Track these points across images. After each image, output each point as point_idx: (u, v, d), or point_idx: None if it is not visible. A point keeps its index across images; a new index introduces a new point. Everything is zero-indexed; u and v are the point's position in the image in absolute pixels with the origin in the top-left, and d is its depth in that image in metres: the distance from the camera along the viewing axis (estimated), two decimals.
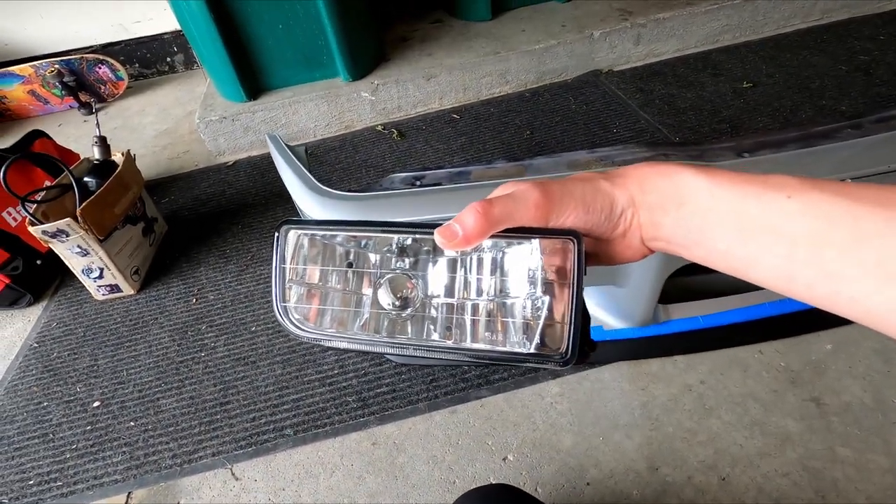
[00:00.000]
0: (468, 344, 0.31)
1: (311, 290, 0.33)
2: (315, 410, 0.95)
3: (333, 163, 1.63)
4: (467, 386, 0.95)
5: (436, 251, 0.33)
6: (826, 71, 1.65)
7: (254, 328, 1.13)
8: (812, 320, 0.94)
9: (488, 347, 0.31)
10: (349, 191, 0.84)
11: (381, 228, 0.31)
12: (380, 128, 1.74)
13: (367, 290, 0.33)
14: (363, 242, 0.33)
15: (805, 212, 0.23)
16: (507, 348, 0.31)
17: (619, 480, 0.80)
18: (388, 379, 0.98)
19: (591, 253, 0.31)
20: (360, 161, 1.61)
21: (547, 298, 0.29)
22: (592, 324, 0.95)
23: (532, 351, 0.30)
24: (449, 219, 0.28)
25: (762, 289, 1.07)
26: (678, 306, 0.95)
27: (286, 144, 0.93)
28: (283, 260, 0.32)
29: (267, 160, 1.68)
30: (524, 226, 0.28)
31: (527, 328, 0.30)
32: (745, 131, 1.48)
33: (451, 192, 0.81)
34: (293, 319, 0.32)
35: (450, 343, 0.32)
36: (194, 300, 1.22)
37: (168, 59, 2.31)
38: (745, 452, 0.81)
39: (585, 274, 0.29)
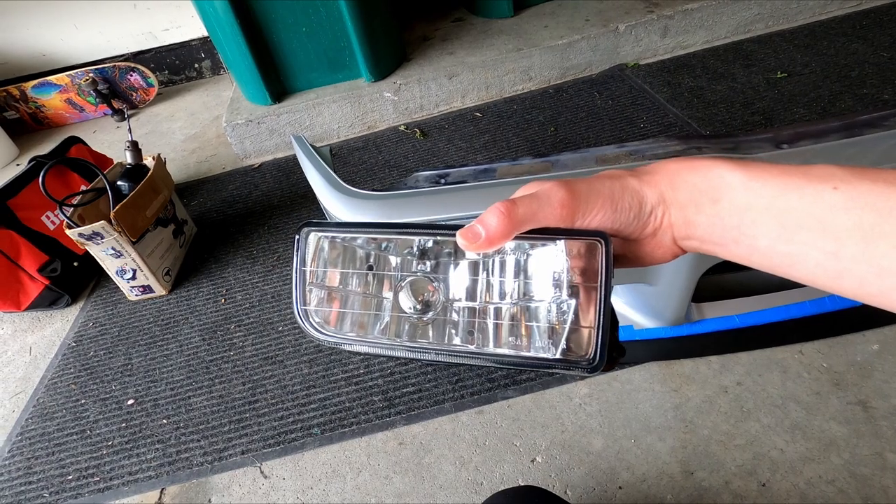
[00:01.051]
0: (491, 349, 0.30)
1: (332, 292, 0.33)
2: (341, 410, 0.96)
3: (357, 163, 1.64)
4: (494, 386, 0.94)
5: (457, 253, 0.32)
6: (866, 58, 1.58)
7: (281, 328, 1.14)
8: (856, 319, 0.90)
9: (512, 353, 0.30)
10: (374, 190, 0.84)
11: (401, 230, 0.31)
12: (402, 127, 1.74)
13: (387, 294, 0.33)
14: (384, 245, 0.32)
15: (853, 204, 0.21)
16: (532, 354, 0.29)
17: (652, 484, 0.78)
18: (414, 379, 0.98)
19: (620, 254, 0.30)
20: (384, 161, 1.62)
21: (573, 302, 0.28)
22: (623, 323, 0.93)
23: (558, 357, 0.28)
24: (474, 217, 0.27)
25: (801, 286, 1.02)
26: (712, 305, 0.92)
27: (311, 145, 0.94)
28: (303, 262, 0.32)
29: (292, 162, 1.71)
30: (549, 226, 0.27)
31: (552, 333, 0.29)
32: (780, 123, 1.42)
33: (476, 190, 0.80)
34: (314, 323, 0.32)
35: (472, 348, 0.31)
36: (223, 300, 1.24)
37: (196, 66, 2.36)
38: (786, 457, 0.77)
39: (613, 276, 0.27)
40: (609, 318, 0.27)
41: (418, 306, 0.32)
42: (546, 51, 1.74)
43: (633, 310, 0.92)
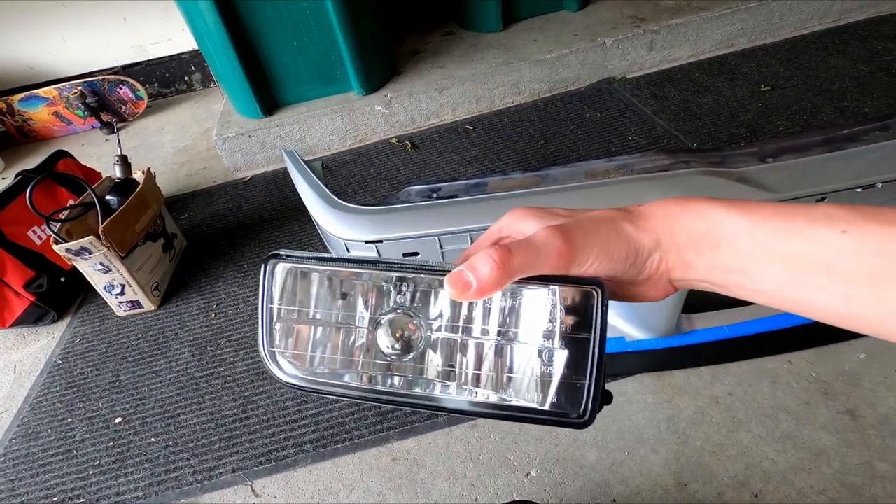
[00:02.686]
0: (476, 398, 0.29)
1: (302, 331, 0.30)
2: (334, 426, 0.95)
3: (349, 176, 1.64)
4: None
5: (439, 284, 0.29)
6: (846, 72, 1.62)
7: None
8: (843, 329, 0.91)
9: (497, 401, 0.28)
10: (366, 204, 0.84)
11: (380, 266, 0.29)
12: (394, 140, 1.75)
13: (363, 331, 0.30)
14: (361, 276, 0.30)
15: (863, 248, 0.21)
16: (519, 403, 0.28)
17: (645, 497, 0.78)
18: None
19: (613, 293, 0.29)
20: (375, 174, 1.62)
21: (565, 353, 0.27)
22: (615, 335, 0.93)
23: (547, 409, 0.27)
24: (465, 232, 0.27)
25: None
26: (702, 316, 0.93)
27: (302, 159, 0.94)
28: (270, 298, 0.29)
29: (283, 175, 1.70)
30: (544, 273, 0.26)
31: (541, 383, 0.28)
32: (764, 135, 1.45)
33: (468, 204, 0.80)
34: (281, 365, 0.30)
35: (454, 396, 0.29)
36: (213, 315, 1.23)
37: (186, 78, 2.36)
38: (778, 468, 0.78)
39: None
40: (603, 372, 0.26)
41: (397, 345, 0.29)
42: (535, 64, 1.76)
43: (625, 322, 0.93)
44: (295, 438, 0.94)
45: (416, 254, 0.81)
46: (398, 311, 0.30)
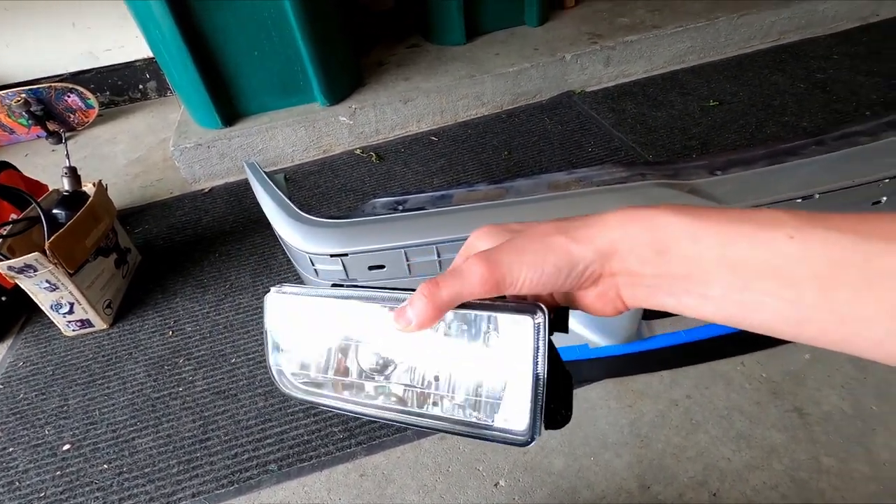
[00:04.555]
0: (431, 411, 0.30)
1: (301, 351, 0.33)
2: (300, 443, 0.93)
3: (312, 187, 1.62)
4: None
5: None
6: (786, 89, 1.73)
7: (234, 360, 1.09)
8: None
9: (450, 416, 0.30)
10: (331, 217, 0.83)
11: (366, 298, 0.31)
12: (358, 151, 1.74)
13: (351, 353, 0.33)
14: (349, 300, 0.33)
15: (809, 252, 0.21)
16: (471, 419, 0.29)
17: (611, 501, 0.80)
18: None
19: (567, 302, 0.30)
20: (340, 185, 1.61)
21: (507, 377, 0.28)
22: (578, 342, 0.95)
23: (496, 426, 0.28)
24: (431, 244, 0.28)
25: None
26: (661, 322, 0.96)
27: (265, 172, 0.92)
28: (273, 325, 0.33)
29: (244, 186, 1.66)
30: (479, 300, 0.27)
31: (492, 404, 0.29)
32: (714, 148, 1.53)
33: (433, 217, 0.81)
34: (286, 382, 0.33)
35: (415, 410, 0.31)
36: (171, 333, 1.18)
37: (140, 87, 2.28)
38: (733, 466, 0.81)
39: (550, 346, 0.27)
40: (544, 394, 0.27)
41: (376, 364, 0.32)
42: (498, 77, 1.80)
43: (588, 329, 0.96)
44: (259, 458, 0.91)
45: (382, 267, 0.81)
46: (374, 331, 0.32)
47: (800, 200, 0.77)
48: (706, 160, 0.87)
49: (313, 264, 0.82)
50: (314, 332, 0.33)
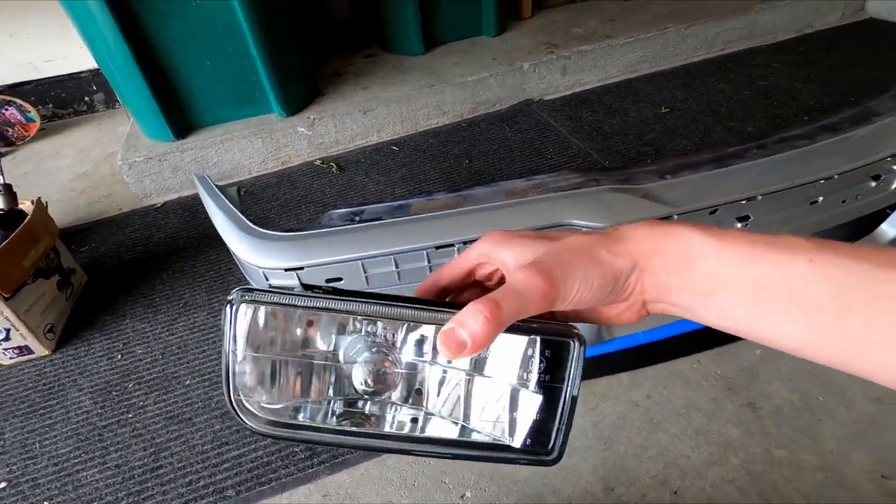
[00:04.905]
0: (447, 435, 0.29)
1: (271, 372, 0.29)
2: (259, 466, 0.89)
3: (271, 199, 1.58)
4: None
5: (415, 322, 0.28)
6: (732, 95, 1.81)
7: (188, 381, 1.05)
8: None
9: (470, 440, 0.29)
10: (286, 230, 0.81)
11: (360, 302, 0.27)
12: (318, 162, 1.71)
13: (332, 368, 0.29)
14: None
15: (825, 276, 0.22)
16: (491, 440, 0.29)
17: None
18: None
19: (589, 318, 0.30)
20: (300, 196, 1.58)
21: (539, 398, 0.28)
22: None
23: (519, 447, 0.28)
24: (389, 255, 0.26)
25: None
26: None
27: (216, 185, 0.89)
28: (234, 341, 0.27)
29: (199, 200, 1.60)
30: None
31: (510, 424, 0.28)
32: (666, 153, 1.58)
33: (391, 227, 0.80)
34: (249, 411, 0.28)
35: (427, 435, 0.29)
36: (119, 356, 1.12)
37: (86, 99, 2.18)
38: (692, 463, 0.83)
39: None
40: (573, 415, 0.27)
41: (371, 383, 0.29)
42: (457, 87, 1.81)
43: None
44: (215, 485, 0.87)
45: (340, 279, 0.79)
46: (373, 349, 0.29)
47: (744, 202, 0.80)
48: (657, 165, 0.89)
49: (267, 279, 0.79)
50: (292, 349, 0.28)
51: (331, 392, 0.29)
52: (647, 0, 2.25)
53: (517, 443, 0.28)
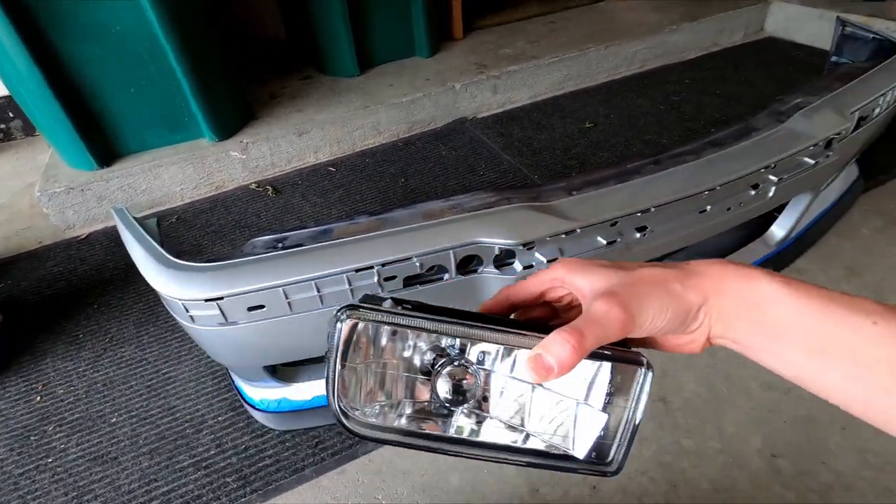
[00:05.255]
0: (524, 445, 0.32)
1: (370, 383, 0.32)
2: (189, 500, 0.88)
3: (205, 226, 1.56)
4: (354, 443, 0.94)
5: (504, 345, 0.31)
6: (649, 110, 1.95)
7: (114, 419, 1.01)
8: None
9: (544, 449, 0.32)
10: (207, 260, 0.81)
11: (456, 323, 0.30)
12: (254, 186, 1.70)
13: (423, 382, 0.32)
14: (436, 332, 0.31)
15: (889, 339, 0.23)
16: (560, 451, 0.31)
17: None
18: (272, 450, 0.94)
19: (654, 345, 0.32)
20: (234, 222, 1.56)
21: (605, 416, 0.30)
22: None
23: (584, 459, 0.31)
24: (310, 280, 0.27)
25: None
26: None
27: (134, 217, 0.88)
28: (344, 356, 0.30)
29: None
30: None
31: (576, 435, 0.31)
32: (591, 166, 1.68)
33: (312, 253, 0.82)
34: (353, 418, 0.31)
35: (506, 443, 0.32)
36: (38, 398, 1.07)
37: (2, 126, 2.07)
38: None
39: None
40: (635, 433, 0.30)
41: (454, 394, 0.31)
42: (392, 107, 1.85)
43: None
44: None
45: (262, 307, 0.80)
46: (455, 362, 0.31)
47: (639, 214, 0.88)
48: (565, 182, 0.96)
49: (188, 311, 0.79)
50: (382, 357, 0.31)
51: (410, 396, 0.32)
52: (569, 22, 2.39)
53: (580, 454, 0.31)
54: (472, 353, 0.32)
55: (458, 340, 0.31)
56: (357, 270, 0.79)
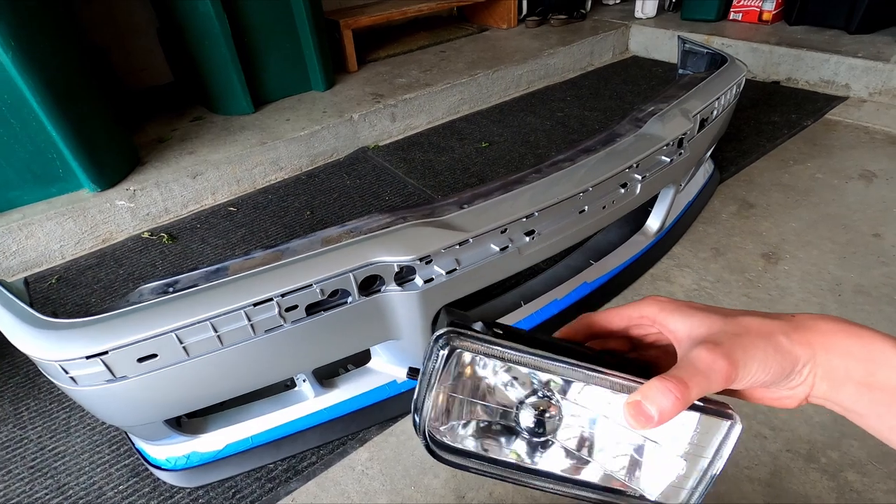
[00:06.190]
0: (584, 477, 0.31)
1: (449, 405, 0.31)
2: None
3: (91, 283, 1.43)
4: (275, 485, 0.90)
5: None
6: (538, 126, 2.11)
7: None
8: (581, 309, 1.15)
9: (621, 487, 0.31)
10: (85, 315, 0.76)
11: (554, 360, 0.29)
12: (146, 234, 1.60)
13: (511, 411, 0.32)
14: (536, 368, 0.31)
15: None
16: (633, 492, 0.31)
17: None
18: (186, 499, 0.87)
19: (750, 396, 0.31)
20: (126, 274, 1.45)
21: (684, 464, 0.30)
22: (386, 381, 1.00)
23: (654, 500, 0.31)
24: (205, 321, 0.26)
25: (536, 297, 1.26)
26: None
27: None
28: (440, 380, 0.29)
29: None
30: None
31: (649, 475, 0.31)
32: (489, 181, 1.77)
33: (206, 292, 0.79)
34: (440, 442, 0.31)
35: (590, 480, 0.31)
36: None
37: None
38: None
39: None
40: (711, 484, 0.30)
41: (538, 426, 0.31)
42: (291, 142, 1.84)
43: (394, 365, 1.01)
44: None
45: (155, 356, 0.76)
46: (539, 393, 0.31)
47: (525, 219, 0.95)
48: (456, 197, 1.01)
49: (66, 372, 0.73)
50: (467, 385, 0.31)
51: (490, 422, 0.32)
52: (458, 52, 2.53)
53: (653, 495, 0.31)
54: (555, 384, 0.31)
55: (556, 377, 0.30)
56: (255, 304, 0.78)
